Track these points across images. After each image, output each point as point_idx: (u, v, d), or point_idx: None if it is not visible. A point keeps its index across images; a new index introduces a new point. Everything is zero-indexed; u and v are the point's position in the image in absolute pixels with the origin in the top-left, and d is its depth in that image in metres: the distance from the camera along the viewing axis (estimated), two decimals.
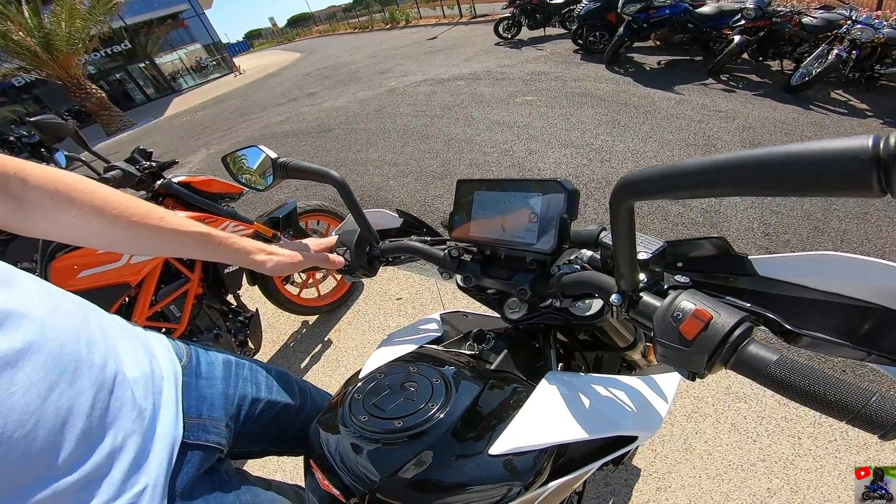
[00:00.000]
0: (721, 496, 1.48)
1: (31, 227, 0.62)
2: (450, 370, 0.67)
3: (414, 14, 21.66)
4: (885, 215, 2.78)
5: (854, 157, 0.25)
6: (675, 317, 0.42)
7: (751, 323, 0.40)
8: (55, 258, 1.52)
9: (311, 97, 9.85)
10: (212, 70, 27.80)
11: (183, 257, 1.02)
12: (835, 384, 0.35)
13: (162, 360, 0.68)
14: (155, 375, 0.64)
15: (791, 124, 4.29)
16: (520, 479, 0.58)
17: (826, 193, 0.27)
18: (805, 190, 0.28)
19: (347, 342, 2.49)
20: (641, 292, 0.48)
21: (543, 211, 0.64)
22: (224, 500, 0.67)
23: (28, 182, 0.59)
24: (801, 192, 0.28)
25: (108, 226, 0.65)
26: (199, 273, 1.96)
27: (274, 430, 0.86)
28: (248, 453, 0.87)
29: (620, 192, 0.40)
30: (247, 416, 0.80)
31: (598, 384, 0.67)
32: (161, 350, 0.70)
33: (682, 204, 3.13)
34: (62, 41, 13.10)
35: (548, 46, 8.95)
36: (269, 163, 0.83)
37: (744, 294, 0.52)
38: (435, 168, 4.50)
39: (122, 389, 0.57)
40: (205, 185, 1.99)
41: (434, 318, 0.91)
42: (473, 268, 0.74)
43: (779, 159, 0.28)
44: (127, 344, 0.63)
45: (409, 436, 0.58)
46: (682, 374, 0.44)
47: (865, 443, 1.53)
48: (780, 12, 5.39)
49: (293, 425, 0.89)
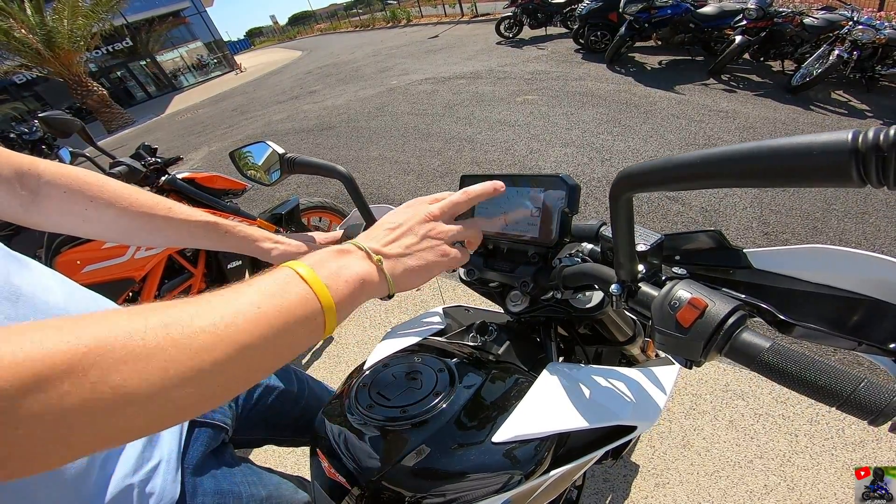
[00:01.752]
0: (718, 492, 1.49)
1: (44, 220, 0.64)
2: (453, 361, 0.68)
3: (415, 12, 21.65)
4: (883, 215, 2.80)
5: (835, 149, 0.27)
6: (672, 305, 0.43)
7: (745, 311, 0.41)
8: (60, 253, 1.53)
9: (313, 95, 9.86)
10: (213, 68, 27.83)
11: (191, 247, 1.04)
12: (825, 370, 0.36)
13: None
14: None
15: (791, 124, 4.30)
16: (521, 468, 0.59)
17: (810, 184, 0.29)
18: (791, 180, 0.30)
19: (348, 338, 2.50)
20: (640, 283, 0.50)
21: (545, 205, 0.65)
22: (231, 477, 0.71)
23: (42, 177, 0.62)
24: (788, 182, 0.30)
25: (119, 217, 0.67)
26: (202, 268, 1.98)
27: (273, 417, 0.89)
28: (249, 441, 0.89)
29: (619, 184, 0.42)
30: (245, 398, 0.83)
31: (598, 375, 0.69)
32: None
33: (682, 203, 3.14)
34: (64, 39, 13.12)
35: (549, 46, 8.95)
36: (275, 158, 0.85)
37: (739, 286, 0.54)
38: (436, 166, 4.51)
39: None
40: (208, 182, 2.01)
41: (437, 311, 0.93)
42: (476, 261, 0.76)
43: (766, 152, 0.30)
44: None
45: (413, 424, 0.59)
46: (679, 361, 0.45)
47: (862, 440, 1.55)
48: (781, 13, 5.39)
49: (292, 413, 0.91)
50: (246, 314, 0.34)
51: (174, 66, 26.72)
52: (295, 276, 0.39)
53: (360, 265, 0.45)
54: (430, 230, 0.53)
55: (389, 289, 0.48)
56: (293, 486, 0.82)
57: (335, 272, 0.42)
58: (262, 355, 0.35)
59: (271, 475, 0.80)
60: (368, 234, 0.53)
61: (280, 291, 0.37)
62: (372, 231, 0.53)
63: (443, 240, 0.53)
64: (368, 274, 0.45)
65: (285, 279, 0.39)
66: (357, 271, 0.44)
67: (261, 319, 0.34)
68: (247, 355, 0.33)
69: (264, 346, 0.35)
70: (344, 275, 0.43)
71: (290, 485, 0.82)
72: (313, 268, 0.41)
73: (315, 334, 0.39)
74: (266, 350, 0.35)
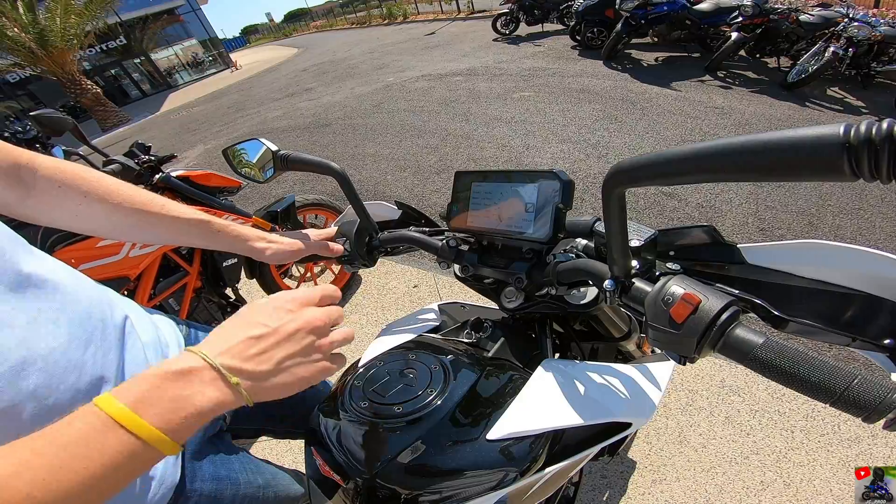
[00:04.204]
0: (715, 488, 1.50)
1: (39, 215, 0.64)
2: (448, 357, 0.68)
3: (412, 9, 21.62)
4: (878, 211, 2.81)
5: (827, 143, 0.27)
6: (666, 301, 0.43)
7: (738, 307, 0.41)
8: (54, 251, 1.52)
9: (309, 92, 9.82)
10: (208, 66, 27.66)
11: (184, 245, 1.04)
12: (819, 367, 0.36)
13: (165, 330, 0.73)
14: (161, 342, 0.69)
15: (787, 121, 4.31)
16: (516, 465, 0.59)
17: (802, 178, 0.29)
18: (783, 174, 0.30)
19: None
20: (634, 278, 0.50)
21: (539, 200, 0.65)
22: (229, 464, 0.72)
23: (38, 171, 0.62)
24: (780, 176, 0.30)
25: (112, 213, 0.67)
26: (197, 266, 1.97)
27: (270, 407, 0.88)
28: (245, 431, 0.90)
29: (612, 178, 0.42)
30: None
31: (593, 371, 0.69)
32: (163, 324, 0.74)
33: (678, 199, 3.14)
34: (57, 37, 13.00)
35: (546, 42, 8.94)
36: (269, 155, 0.84)
37: (733, 281, 0.54)
38: (433, 163, 4.50)
39: (137, 351, 0.62)
40: (203, 179, 2.00)
41: (432, 308, 0.92)
42: (471, 257, 0.75)
43: (759, 146, 0.30)
44: (135, 313, 0.68)
45: (407, 421, 0.59)
46: (673, 357, 0.45)
47: (857, 436, 1.56)
48: (777, 9, 5.40)
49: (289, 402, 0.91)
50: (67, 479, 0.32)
51: (169, 63, 26.54)
52: (112, 425, 0.34)
53: (205, 395, 0.38)
54: (310, 343, 0.46)
55: (246, 402, 0.41)
56: (289, 478, 0.83)
57: (169, 409, 0.36)
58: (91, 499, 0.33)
59: (268, 465, 0.82)
60: (224, 337, 0.43)
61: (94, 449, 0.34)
62: (229, 334, 0.44)
63: (323, 354, 0.47)
64: (217, 404, 0.39)
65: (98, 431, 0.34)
66: (200, 406, 0.38)
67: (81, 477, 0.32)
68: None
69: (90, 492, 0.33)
70: (181, 412, 0.37)
71: (286, 476, 0.83)
72: (136, 411, 0.35)
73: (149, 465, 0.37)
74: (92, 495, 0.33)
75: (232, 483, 0.71)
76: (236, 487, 0.71)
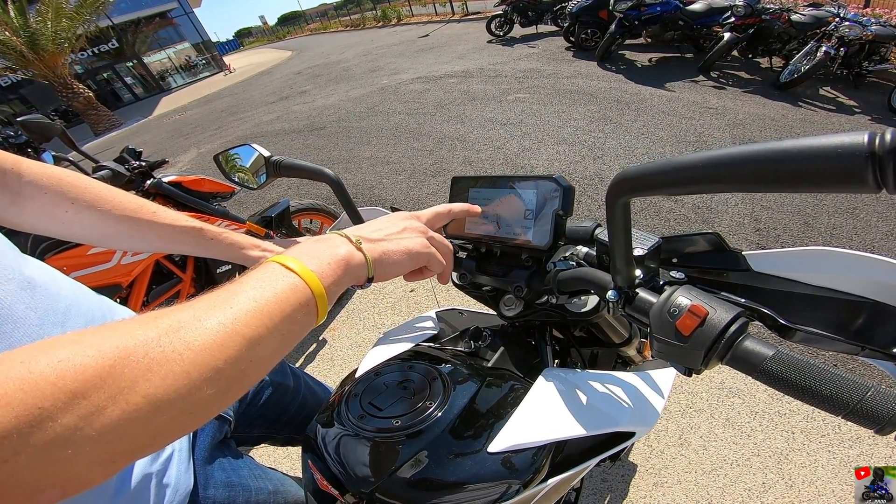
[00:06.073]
0: (717, 491, 1.49)
1: (23, 221, 0.62)
2: (447, 368, 0.67)
3: (406, 12, 21.61)
4: (874, 210, 2.82)
5: (850, 152, 0.25)
6: (672, 313, 0.42)
7: (746, 318, 0.40)
8: (45, 259, 1.50)
9: (303, 95, 9.79)
10: (201, 69, 27.58)
11: (176, 253, 1.03)
12: (830, 379, 0.34)
13: None
14: None
15: (780, 121, 4.33)
16: (518, 477, 0.57)
17: (822, 189, 0.27)
18: (801, 185, 0.28)
19: (342, 341, 2.48)
20: (637, 288, 0.48)
21: (538, 207, 0.64)
22: (238, 470, 0.72)
23: (24, 177, 0.60)
24: (797, 187, 0.28)
25: (101, 220, 0.65)
26: (191, 273, 1.95)
27: (271, 411, 0.89)
28: (248, 438, 0.89)
29: (616, 187, 0.40)
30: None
31: (595, 380, 0.67)
32: None
33: (675, 200, 3.15)
34: (48, 40, 12.92)
35: (540, 44, 8.96)
36: (261, 161, 0.83)
37: (738, 289, 0.52)
38: (428, 166, 4.49)
39: None
40: (196, 185, 1.98)
41: (430, 315, 0.91)
42: (469, 264, 0.74)
43: (775, 155, 0.28)
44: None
45: (407, 434, 0.58)
46: (678, 369, 0.44)
47: (858, 437, 1.55)
48: (769, 9, 5.44)
49: (290, 408, 0.91)
50: (246, 310, 0.35)
51: (162, 67, 26.46)
52: (282, 269, 0.40)
53: (341, 248, 0.46)
54: (409, 224, 0.56)
55: (369, 271, 0.48)
56: (295, 484, 0.83)
57: (318, 257, 0.43)
58: (268, 346, 0.36)
59: (274, 472, 0.81)
60: (349, 229, 0.54)
61: (272, 284, 0.38)
62: (352, 227, 0.55)
63: (423, 234, 0.55)
64: (350, 255, 0.46)
65: (274, 272, 0.39)
66: (339, 253, 0.45)
67: (261, 313, 0.35)
68: (255, 348, 0.34)
69: (269, 337, 0.35)
70: (327, 258, 0.44)
71: (292, 482, 0.83)
72: (298, 258, 0.41)
73: (310, 318, 0.40)
74: (271, 341, 0.36)
75: (244, 489, 0.70)
76: (248, 494, 0.71)
